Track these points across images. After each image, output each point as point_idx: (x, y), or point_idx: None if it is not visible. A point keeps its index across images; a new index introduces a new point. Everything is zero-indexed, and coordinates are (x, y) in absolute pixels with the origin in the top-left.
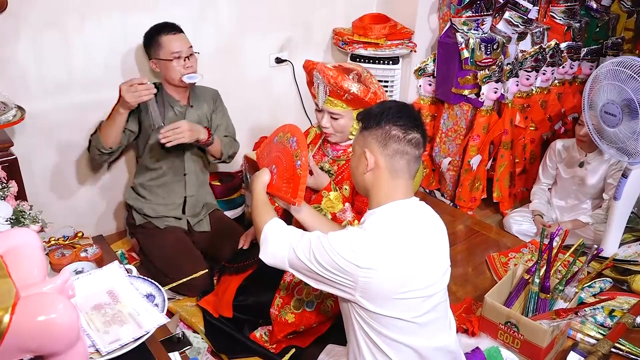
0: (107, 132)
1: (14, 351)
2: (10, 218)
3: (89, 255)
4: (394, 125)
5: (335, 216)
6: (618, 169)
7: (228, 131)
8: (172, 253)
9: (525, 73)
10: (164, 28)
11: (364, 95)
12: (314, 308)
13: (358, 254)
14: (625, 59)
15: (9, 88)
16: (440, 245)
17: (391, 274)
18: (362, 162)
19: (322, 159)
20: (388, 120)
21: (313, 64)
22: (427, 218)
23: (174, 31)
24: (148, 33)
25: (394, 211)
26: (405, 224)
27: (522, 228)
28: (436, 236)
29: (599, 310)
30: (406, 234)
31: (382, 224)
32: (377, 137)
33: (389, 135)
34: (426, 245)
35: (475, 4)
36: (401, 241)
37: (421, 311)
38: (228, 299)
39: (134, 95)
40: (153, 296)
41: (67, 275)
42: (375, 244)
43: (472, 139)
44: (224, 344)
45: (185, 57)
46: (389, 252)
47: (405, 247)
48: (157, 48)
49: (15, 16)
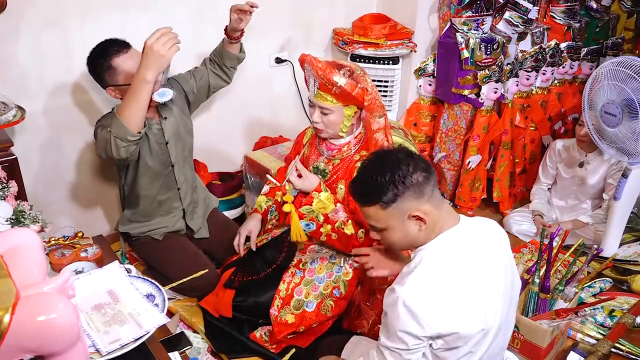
0: (131, 114)
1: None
2: (10, 218)
3: (89, 255)
4: (407, 177)
5: (327, 217)
6: (618, 169)
7: (191, 69)
8: (178, 259)
9: (525, 73)
10: (110, 47)
11: (351, 89)
12: (314, 308)
13: (425, 327)
14: (625, 59)
15: (9, 88)
16: (498, 264)
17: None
18: (410, 226)
19: (318, 158)
20: (397, 180)
21: (304, 56)
22: (481, 238)
23: (124, 49)
24: (93, 59)
25: (442, 250)
26: (457, 260)
27: (522, 228)
28: (492, 258)
29: (599, 310)
30: (461, 271)
31: (436, 269)
32: (409, 196)
33: (413, 184)
34: (485, 272)
35: (475, 4)
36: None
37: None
38: (228, 299)
39: (166, 46)
40: (153, 296)
41: (67, 275)
42: (438, 302)
43: (472, 139)
44: (224, 344)
45: None
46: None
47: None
48: (111, 74)
49: (15, 16)
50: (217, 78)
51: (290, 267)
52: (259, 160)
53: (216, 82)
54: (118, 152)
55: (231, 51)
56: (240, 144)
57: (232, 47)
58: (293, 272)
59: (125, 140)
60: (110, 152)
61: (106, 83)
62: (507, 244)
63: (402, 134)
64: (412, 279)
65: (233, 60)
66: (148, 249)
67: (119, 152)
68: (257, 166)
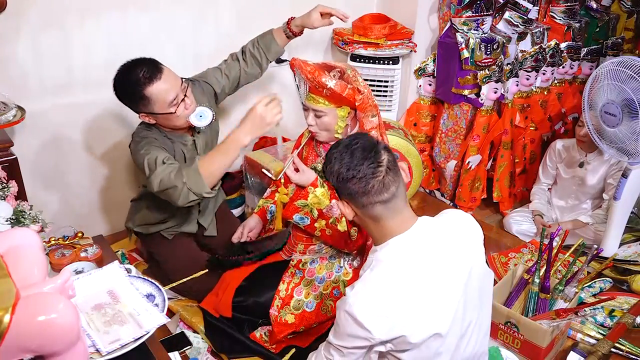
0: (214, 172)
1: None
2: (10, 218)
3: (89, 255)
4: (349, 181)
5: (322, 212)
6: (618, 169)
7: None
8: (183, 261)
9: (525, 73)
10: (141, 74)
11: (341, 91)
12: (313, 308)
13: (372, 330)
14: (625, 59)
15: (9, 88)
16: (457, 266)
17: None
18: (343, 209)
19: (315, 159)
20: (340, 177)
21: (293, 60)
22: (438, 241)
23: (157, 73)
24: (123, 86)
25: (392, 255)
26: (406, 265)
27: (522, 228)
28: (451, 260)
29: (599, 310)
30: (410, 277)
31: (384, 275)
32: (341, 192)
33: (350, 192)
34: (439, 275)
35: (475, 4)
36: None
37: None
38: (227, 299)
39: (273, 112)
40: (153, 296)
41: (67, 275)
42: (382, 309)
43: (472, 139)
44: (224, 344)
45: (184, 96)
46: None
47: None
48: (146, 103)
49: (15, 16)
50: (254, 70)
51: (290, 267)
52: (259, 160)
53: (249, 76)
54: (183, 202)
55: (281, 45)
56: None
57: (284, 41)
58: (293, 272)
59: (199, 196)
60: (174, 199)
61: (139, 110)
62: (476, 242)
63: (402, 134)
64: (360, 285)
65: (277, 53)
66: (154, 244)
67: (183, 202)
68: (257, 166)
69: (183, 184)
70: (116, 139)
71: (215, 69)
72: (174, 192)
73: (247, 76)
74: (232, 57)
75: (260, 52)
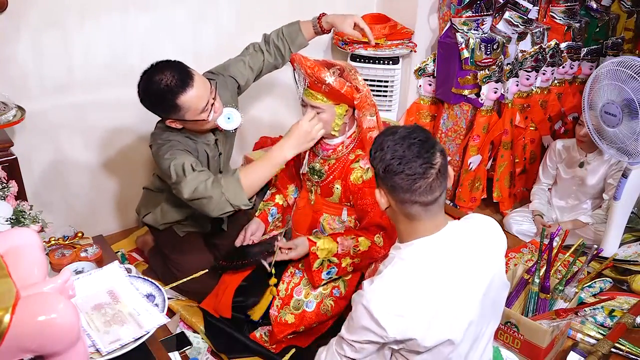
0: (254, 184)
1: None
2: (10, 218)
3: (89, 255)
4: (396, 175)
5: (338, 254)
6: (618, 169)
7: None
8: (192, 262)
9: (525, 73)
10: (172, 80)
11: (339, 87)
12: (313, 308)
13: (387, 329)
14: (626, 59)
15: (9, 88)
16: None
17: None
18: (379, 197)
19: (313, 159)
20: (389, 168)
21: (293, 55)
22: (462, 248)
23: (189, 80)
24: (153, 96)
25: (415, 255)
26: (428, 268)
27: (522, 228)
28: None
29: (599, 310)
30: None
31: (405, 274)
32: (383, 182)
33: (393, 185)
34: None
35: (475, 4)
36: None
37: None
38: (227, 299)
39: (316, 128)
40: (153, 296)
41: (68, 275)
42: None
43: (472, 139)
44: (224, 344)
45: (213, 101)
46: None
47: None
48: (177, 111)
49: (15, 16)
50: (276, 61)
51: (289, 267)
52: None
53: (271, 67)
54: (217, 212)
55: (307, 38)
56: (241, 143)
57: (311, 35)
58: (292, 272)
59: (236, 207)
60: (207, 209)
61: (168, 117)
62: (499, 251)
63: None
64: (379, 281)
65: (301, 46)
66: (164, 237)
67: (218, 213)
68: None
69: (221, 194)
70: (116, 139)
71: (237, 61)
72: (208, 202)
73: (269, 67)
74: (254, 48)
75: (285, 44)
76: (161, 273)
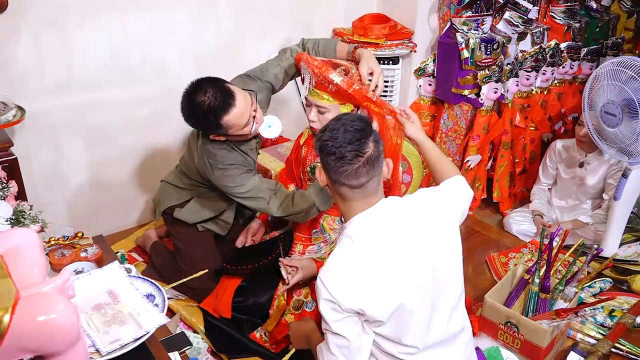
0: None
1: (14, 351)
2: (10, 218)
3: (89, 255)
4: (327, 155)
5: None
6: (618, 169)
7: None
8: (201, 259)
9: (525, 73)
10: (215, 101)
11: (347, 87)
12: (313, 308)
13: (339, 299)
14: (626, 59)
15: (9, 88)
16: (422, 242)
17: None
18: (318, 175)
19: (315, 158)
20: (323, 147)
21: (300, 54)
22: (402, 217)
23: (230, 100)
24: (197, 116)
25: (357, 230)
26: (370, 240)
27: (522, 228)
28: (416, 234)
29: (599, 310)
30: (373, 251)
31: (349, 249)
32: (321, 160)
33: (325, 164)
34: (403, 249)
35: (475, 4)
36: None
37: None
38: (227, 299)
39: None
40: (153, 296)
41: (67, 275)
42: (347, 280)
43: (472, 139)
44: (224, 344)
45: (254, 113)
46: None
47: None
48: (221, 128)
49: (15, 16)
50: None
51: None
52: (259, 160)
53: (297, 74)
54: (307, 220)
55: (338, 57)
56: None
57: (341, 58)
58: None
59: (321, 211)
60: (299, 219)
61: (211, 133)
62: (446, 219)
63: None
64: (329, 259)
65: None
66: (181, 228)
67: (307, 219)
68: (257, 166)
69: (312, 205)
70: (116, 139)
71: (275, 66)
72: (300, 215)
73: (298, 74)
74: (291, 53)
75: (317, 53)
76: (163, 268)
